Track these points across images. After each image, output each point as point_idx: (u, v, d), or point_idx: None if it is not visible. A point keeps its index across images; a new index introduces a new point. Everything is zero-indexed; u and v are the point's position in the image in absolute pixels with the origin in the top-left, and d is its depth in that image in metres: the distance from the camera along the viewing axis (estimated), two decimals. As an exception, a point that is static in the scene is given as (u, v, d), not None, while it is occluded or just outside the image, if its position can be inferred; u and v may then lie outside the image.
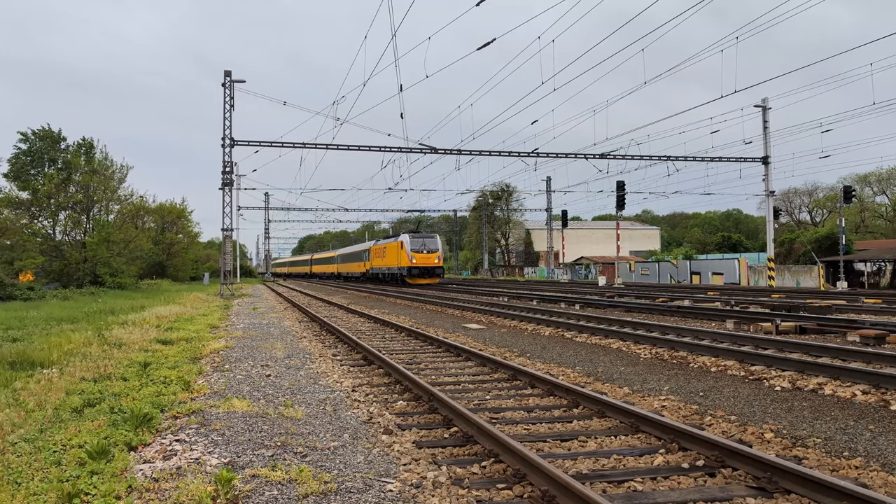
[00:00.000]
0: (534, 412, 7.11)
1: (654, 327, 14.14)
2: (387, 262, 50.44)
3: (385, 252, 51.39)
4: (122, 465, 4.85)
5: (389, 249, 49.80)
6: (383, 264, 51.72)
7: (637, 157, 39.23)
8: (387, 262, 50.44)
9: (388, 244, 50.81)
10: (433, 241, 47.06)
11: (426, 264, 45.50)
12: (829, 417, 6.63)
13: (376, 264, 54.29)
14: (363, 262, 60.35)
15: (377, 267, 54.19)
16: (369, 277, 57.98)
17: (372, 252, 56.65)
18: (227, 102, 33.87)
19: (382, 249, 52.69)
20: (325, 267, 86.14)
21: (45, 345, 11.38)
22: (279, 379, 8.98)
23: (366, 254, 59.75)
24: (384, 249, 52.02)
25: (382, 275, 52.73)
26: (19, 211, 40.33)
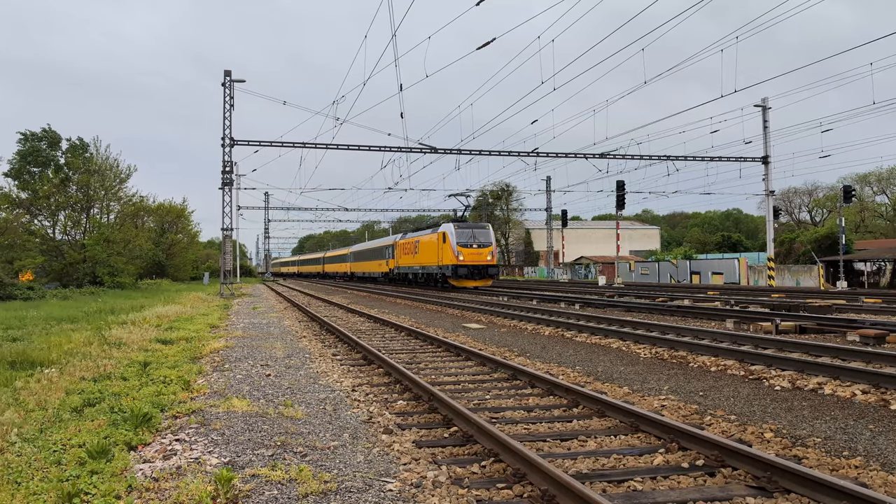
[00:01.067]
0: (534, 412, 7.11)
1: (654, 327, 14.14)
2: (420, 259, 40.89)
3: (418, 247, 41.68)
4: (122, 464, 4.85)
5: (425, 244, 40.01)
6: (415, 262, 42.25)
7: (637, 156, 39.22)
8: (420, 259, 40.89)
9: (423, 237, 40.65)
10: (485, 232, 36.95)
11: (477, 262, 35.75)
12: (829, 417, 6.63)
13: (405, 262, 45.10)
14: (385, 259, 51.76)
15: (406, 266, 44.93)
16: (394, 278, 49.07)
17: (398, 248, 47.46)
18: (227, 102, 33.86)
19: (413, 244, 42.91)
20: (338, 266, 77.42)
21: (45, 344, 11.38)
22: (279, 378, 8.98)
23: (388, 250, 51.02)
24: (416, 244, 42.33)
25: (414, 275, 43.29)
26: (19, 210, 40.33)
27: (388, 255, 50.54)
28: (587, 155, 38.57)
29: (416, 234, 43.75)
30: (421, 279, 42.04)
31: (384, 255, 52.46)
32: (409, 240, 44.66)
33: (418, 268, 41.92)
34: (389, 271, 50.21)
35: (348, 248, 74.30)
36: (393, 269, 48.83)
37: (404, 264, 45.37)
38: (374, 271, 56.97)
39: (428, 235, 39.92)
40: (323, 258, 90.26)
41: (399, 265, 46.71)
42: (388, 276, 51.03)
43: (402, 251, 45.90)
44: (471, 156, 38.31)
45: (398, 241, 47.88)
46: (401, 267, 46.34)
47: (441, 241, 36.90)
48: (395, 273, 47.95)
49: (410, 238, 44.54)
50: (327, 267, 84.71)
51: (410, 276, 44.31)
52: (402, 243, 46.28)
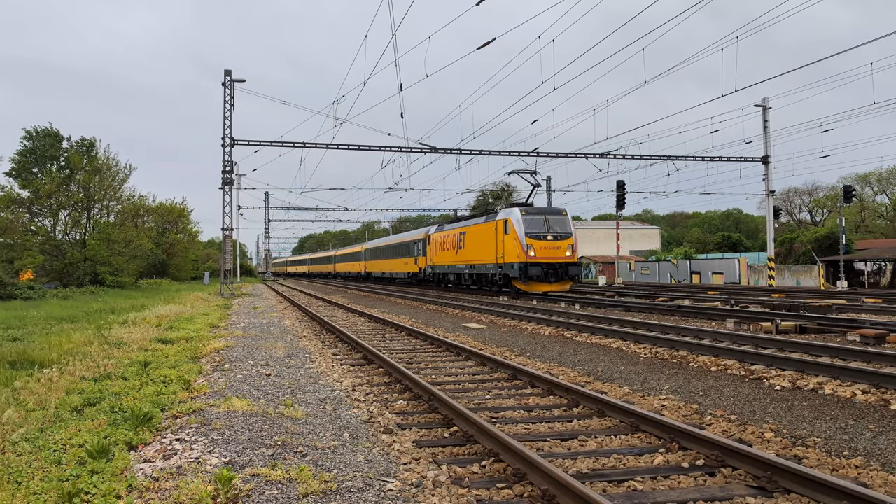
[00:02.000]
0: (534, 411, 7.11)
1: (655, 327, 14.14)
2: (468, 255, 32.71)
3: (464, 240, 33.34)
4: (123, 464, 4.85)
5: (477, 236, 31.56)
6: (459, 259, 34.04)
7: (637, 156, 39.21)
8: (468, 255, 32.71)
9: (473, 227, 32.33)
10: (562, 220, 28.29)
11: (553, 258, 27.15)
12: (829, 417, 6.63)
13: (443, 260, 36.87)
14: (413, 257, 43.83)
15: (445, 264, 36.60)
16: (426, 280, 41.08)
17: (433, 242, 39.02)
18: (228, 102, 33.86)
19: (456, 237, 34.56)
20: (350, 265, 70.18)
21: (46, 344, 11.38)
22: (279, 378, 8.98)
23: (417, 246, 42.74)
24: (460, 237, 33.81)
25: (457, 276, 35.11)
26: (20, 209, 40.36)
27: (418, 252, 42.36)
28: (587, 155, 38.57)
29: (460, 224, 34.95)
30: (467, 281, 33.68)
31: (411, 251, 44.36)
32: (451, 232, 35.62)
33: (463, 267, 33.41)
34: (419, 271, 41.88)
35: (362, 245, 66.18)
36: (424, 268, 40.56)
37: (442, 262, 37.03)
38: (397, 271, 48.56)
39: (480, 224, 31.30)
40: (334, 256, 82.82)
41: (433, 264, 38.50)
42: (418, 276, 42.84)
43: (440, 246, 37.43)
44: (471, 156, 38.30)
45: (432, 233, 39.37)
46: (437, 266, 38.01)
47: (502, 231, 28.32)
48: (428, 273, 39.78)
49: (452, 229, 35.64)
50: (339, 266, 77.46)
51: (452, 277, 36.05)
52: (440, 237, 37.69)
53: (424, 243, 41.09)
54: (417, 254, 42.82)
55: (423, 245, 41.27)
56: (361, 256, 63.04)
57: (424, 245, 41.09)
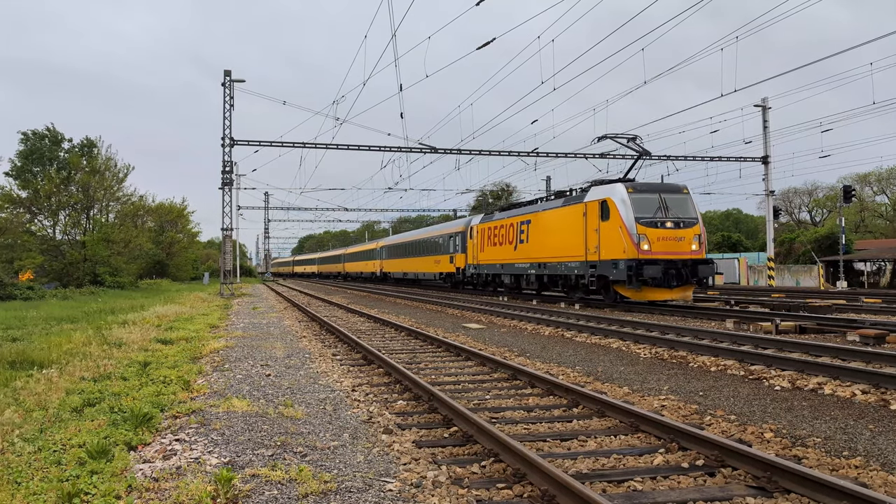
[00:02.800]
0: (533, 412, 7.11)
1: (654, 327, 14.14)
2: (538, 250, 24.70)
3: (528, 231, 25.50)
4: (122, 464, 4.85)
5: (552, 223, 23.75)
6: (523, 256, 25.93)
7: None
8: (538, 250, 24.70)
9: (547, 213, 24.30)
10: (683, 200, 20.45)
11: (676, 253, 19.59)
12: (829, 417, 6.63)
13: (494, 257, 29.05)
14: (447, 254, 36.44)
15: (497, 262, 28.72)
16: (466, 283, 34.28)
17: (478, 235, 31.12)
18: (227, 102, 33.86)
19: (516, 228, 26.68)
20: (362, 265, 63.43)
21: (45, 344, 11.38)
22: (279, 378, 8.98)
23: (453, 240, 35.29)
24: (523, 227, 26.01)
25: (516, 279, 27.32)
26: (20, 210, 40.38)
27: (455, 248, 34.95)
28: (587, 155, 38.56)
29: (521, 212, 26.74)
30: (532, 284, 25.88)
31: (444, 247, 36.76)
32: (505, 221, 27.84)
33: (526, 266, 25.58)
34: (457, 271, 34.57)
35: (378, 242, 58.52)
36: (464, 268, 33.19)
37: (492, 260, 29.22)
38: (425, 272, 40.79)
39: (556, 209, 23.50)
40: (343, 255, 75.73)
41: (479, 262, 30.86)
42: (454, 278, 35.77)
43: (488, 240, 29.64)
44: (471, 156, 38.27)
45: (476, 224, 31.69)
46: (483, 265, 30.38)
47: (595, 216, 20.70)
48: (471, 274, 32.19)
49: (507, 218, 27.80)
50: (349, 266, 70.35)
51: (507, 279, 27.94)
52: (488, 228, 29.76)
53: (464, 237, 33.32)
54: (454, 250, 34.93)
55: (462, 239, 33.53)
56: (377, 255, 55.85)
57: (464, 239, 33.28)
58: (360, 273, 65.22)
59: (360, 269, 64.23)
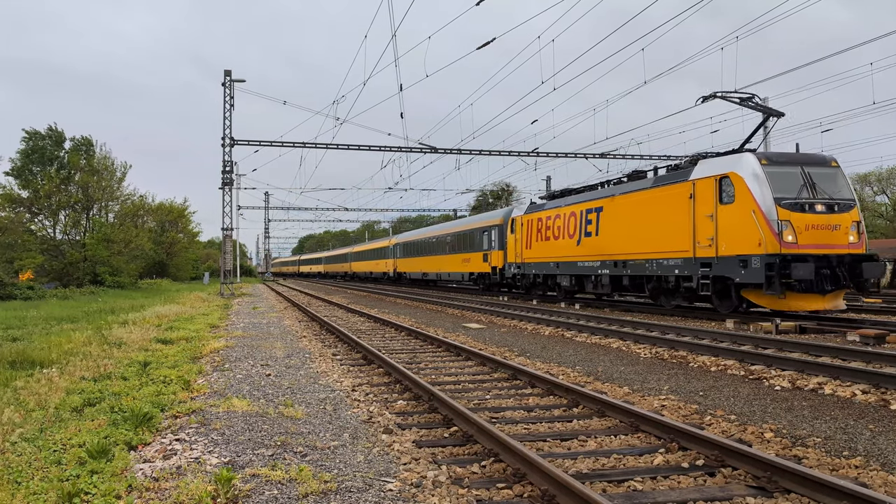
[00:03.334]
0: (534, 412, 7.11)
1: (654, 327, 14.14)
2: (615, 243, 19.65)
3: (600, 220, 20.58)
4: (123, 464, 4.85)
5: (639, 208, 18.66)
6: (593, 252, 20.84)
7: (637, 156, 39.20)
8: (615, 243, 19.65)
9: (631, 196, 19.14)
10: (832, 175, 15.34)
11: (831, 246, 14.48)
12: (829, 417, 6.63)
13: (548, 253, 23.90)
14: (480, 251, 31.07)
15: (554, 260, 23.43)
16: (504, 283, 29.17)
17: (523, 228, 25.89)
18: (227, 102, 33.86)
19: (579, 217, 21.70)
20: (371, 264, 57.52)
21: (45, 344, 11.38)
22: (279, 378, 8.98)
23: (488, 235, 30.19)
24: (587, 216, 21.22)
25: (579, 279, 22.21)
26: (20, 209, 40.40)
27: (489, 244, 29.86)
28: (587, 155, 38.56)
29: (587, 197, 21.32)
30: (605, 287, 20.32)
31: (475, 243, 31.60)
32: (563, 210, 22.49)
33: (599, 265, 20.16)
34: (492, 272, 29.43)
35: (389, 239, 53.56)
36: (502, 267, 28.08)
37: (544, 258, 23.93)
38: (446, 271, 36.19)
39: (652, 190, 18.08)
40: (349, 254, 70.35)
41: (524, 260, 25.51)
42: (488, 279, 30.44)
43: (538, 233, 24.44)
44: (471, 156, 38.28)
45: (519, 216, 26.47)
46: (530, 264, 25.08)
47: (711, 197, 15.93)
48: (514, 275, 26.75)
49: (568, 206, 22.30)
50: (356, 266, 65.15)
51: (568, 281, 22.42)
52: (537, 219, 24.63)
53: (501, 232, 28.51)
54: (488, 246, 30.01)
55: (500, 234, 28.69)
56: (390, 253, 50.77)
57: (501, 234, 28.45)
58: (369, 273, 59.35)
59: (370, 269, 58.14)
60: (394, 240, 51.19)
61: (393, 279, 50.93)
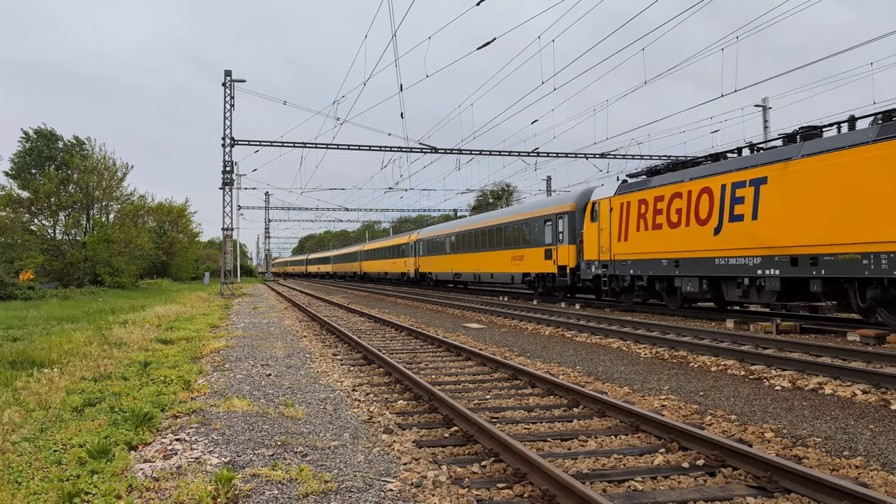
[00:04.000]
0: (534, 411, 7.11)
1: (655, 327, 14.14)
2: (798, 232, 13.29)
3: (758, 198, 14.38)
4: (123, 464, 4.86)
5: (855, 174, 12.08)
6: (743, 245, 14.72)
7: (637, 156, 39.19)
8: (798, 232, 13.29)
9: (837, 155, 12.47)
10: None
11: None
12: (830, 417, 6.63)
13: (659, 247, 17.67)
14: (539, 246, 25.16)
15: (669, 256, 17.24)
16: (577, 288, 23.77)
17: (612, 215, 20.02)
18: (228, 102, 33.87)
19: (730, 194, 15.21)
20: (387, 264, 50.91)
21: (46, 344, 11.39)
22: (279, 378, 8.98)
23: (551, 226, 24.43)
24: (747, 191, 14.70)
25: (717, 282, 15.96)
26: (20, 210, 40.41)
27: (554, 238, 23.80)
28: (587, 155, 38.55)
29: (740, 165, 15.35)
30: (769, 295, 14.39)
31: (532, 236, 25.63)
32: (686, 186, 16.77)
33: (759, 262, 14.40)
34: (559, 271, 23.47)
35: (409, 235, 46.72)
36: (575, 266, 22.57)
37: (652, 253, 18.04)
38: (489, 271, 29.97)
39: (871, 146, 11.99)
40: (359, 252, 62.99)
41: (618, 256, 19.63)
42: (553, 282, 24.14)
43: (637, 220, 18.68)
44: (471, 156, 38.27)
45: (607, 198, 20.35)
46: (626, 262, 19.24)
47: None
48: (599, 275, 20.77)
49: (693, 181, 16.59)
50: (366, 265, 58.87)
51: (695, 285, 16.50)
52: (637, 200, 18.77)
53: (572, 221, 22.81)
54: (553, 240, 23.92)
55: (570, 223, 22.86)
56: (410, 251, 44.50)
57: (572, 223, 22.78)
58: (384, 274, 52.02)
59: (386, 269, 50.65)
60: (416, 235, 44.06)
61: (414, 281, 44.22)
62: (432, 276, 40.60)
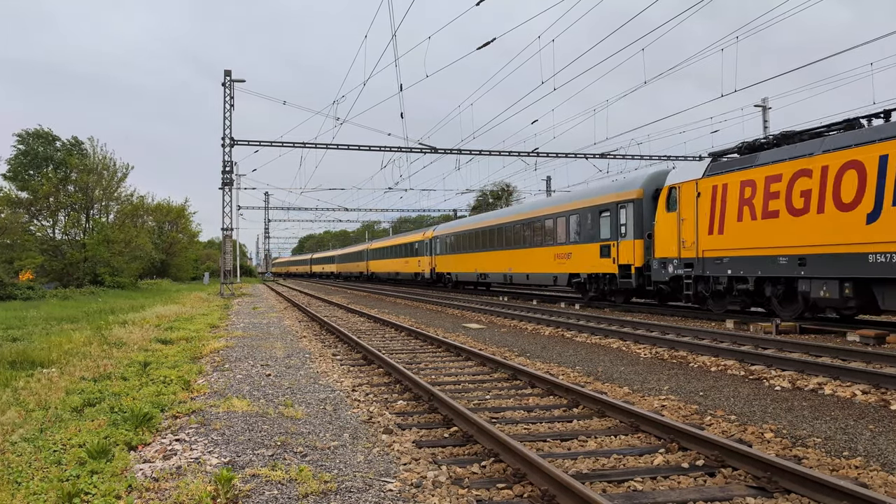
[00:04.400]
0: (534, 412, 7.11)
1: (654, 327, 14.14)
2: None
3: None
4: (122, 464, 4.85)
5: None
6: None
7: (637, 156, 39.20)
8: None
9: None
10: None
11: None
12: (829, 417, 6.63)
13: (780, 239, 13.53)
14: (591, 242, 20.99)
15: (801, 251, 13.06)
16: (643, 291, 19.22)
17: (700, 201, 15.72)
18: (228, 102, 33.86)
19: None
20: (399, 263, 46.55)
21: (45, 344, 11.38)
22: (279, 378, 8.98)
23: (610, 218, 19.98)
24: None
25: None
26: (19, 210, 40.40)
27: (613, 230, 19.77)
28: (587, 155, 38.55)
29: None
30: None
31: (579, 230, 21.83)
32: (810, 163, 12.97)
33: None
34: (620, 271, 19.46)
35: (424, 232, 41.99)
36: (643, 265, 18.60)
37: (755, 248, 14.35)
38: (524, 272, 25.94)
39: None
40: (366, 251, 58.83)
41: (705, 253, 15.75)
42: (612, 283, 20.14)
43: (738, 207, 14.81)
44: (471, 156, 38.25)
45: (691, 181, 16.28)
46: (716, 260, 15.43)
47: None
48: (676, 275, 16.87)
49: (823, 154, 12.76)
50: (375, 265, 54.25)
51: (834, 289, 12.54)
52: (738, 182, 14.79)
53: (640, 208, 18.62)
54: (613, 234, 19.67)
55: (637, 213, 18.71)
56: (425, 249, 40.31)
57: (640, 213, 18.64)
58: (395, 275, 48.22)
59: (397, 269, 46.83)
60: (433, 231, 39.70)
61: (430, 282, 40.09)
62: (451, 276, 36.48)
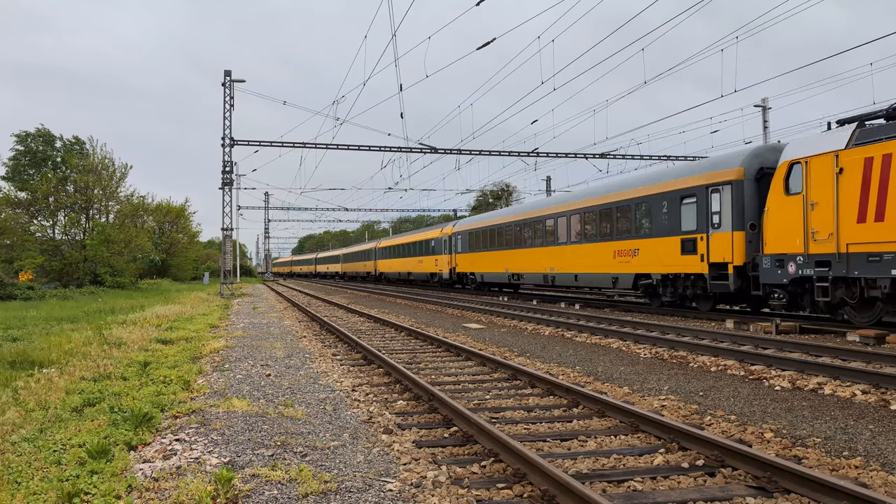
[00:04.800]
0: (534, 412, 7.11)
1: (654, 327, 14.14)
2: None
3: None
4: (122, 464, 4.85)
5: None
6: None
7: (637, 156, 39.20)
8: None
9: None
10: None
11: None
12: (829, 417, 6.63)
13: None
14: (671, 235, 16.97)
15: None
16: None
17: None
18: (227, 102, 33.86)
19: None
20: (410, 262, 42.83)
21: (45, 344, 11.38)
22: (279, 378, 8.98)
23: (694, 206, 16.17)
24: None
25: None
26: (18, 210, 40.41)
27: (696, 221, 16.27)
28: (587, 155, 38.55)
29: None
30: None
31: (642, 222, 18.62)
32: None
33: None
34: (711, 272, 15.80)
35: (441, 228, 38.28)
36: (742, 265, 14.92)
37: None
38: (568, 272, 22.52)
39: None
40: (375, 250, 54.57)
41: (849, 248, 12.00)
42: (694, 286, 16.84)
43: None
44: (471, 156, 38.24)
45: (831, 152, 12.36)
46: (873, 255, 11.52)
47: None
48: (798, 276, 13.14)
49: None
50: (383, 265, 50.92)
51: None
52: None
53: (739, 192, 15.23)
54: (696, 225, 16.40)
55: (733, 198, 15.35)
56: (442, 247, 36.57)
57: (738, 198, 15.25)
58: (405, 275, 44.18)
59: (409, 269, 42.71)
60: (452, 227, 35.55)
61: (448, 283, 36.39)
62: (476, 277, 31.92)
